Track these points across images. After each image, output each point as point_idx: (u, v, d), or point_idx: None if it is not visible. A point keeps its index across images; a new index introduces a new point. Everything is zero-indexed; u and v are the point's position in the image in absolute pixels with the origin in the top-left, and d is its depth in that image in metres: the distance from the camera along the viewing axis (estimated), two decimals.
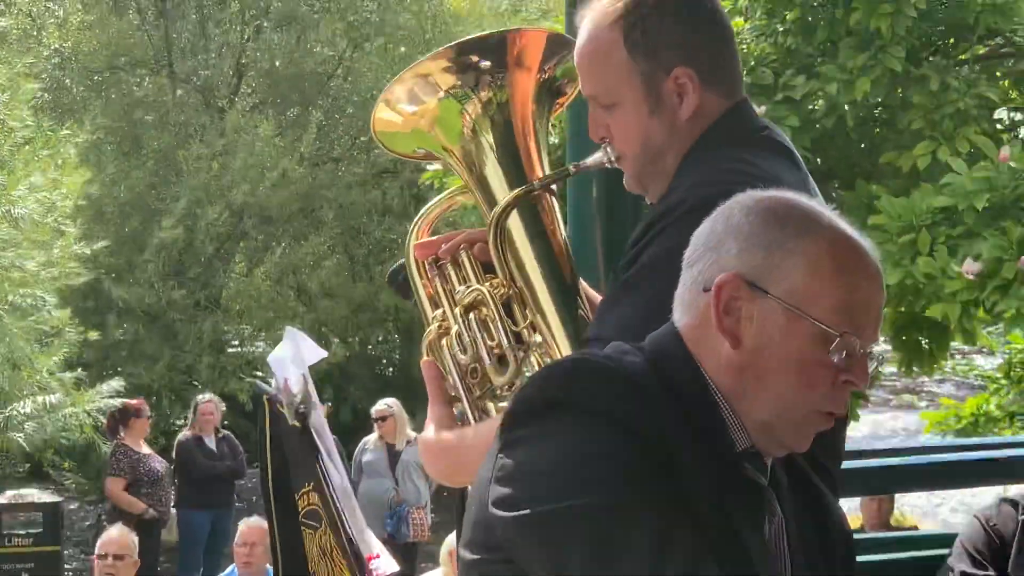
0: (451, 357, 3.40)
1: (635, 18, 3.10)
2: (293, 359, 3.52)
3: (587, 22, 3.18)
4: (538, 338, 3.32)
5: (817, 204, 2.54)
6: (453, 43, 3.47)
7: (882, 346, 2.56)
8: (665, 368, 2.46)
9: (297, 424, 3.39)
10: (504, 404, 3.33)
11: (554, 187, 3.41)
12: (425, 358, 3.46)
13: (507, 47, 3.44)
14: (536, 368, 3.30)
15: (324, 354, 3.67)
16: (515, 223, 3.36)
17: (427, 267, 3.53)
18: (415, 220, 3.64)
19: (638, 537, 2.27)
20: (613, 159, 3.19)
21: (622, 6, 3.13)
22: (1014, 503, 5.20)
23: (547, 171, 3.44)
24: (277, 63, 27.15)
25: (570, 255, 3.43)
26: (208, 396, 17.24)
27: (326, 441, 3.66)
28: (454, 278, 3.45)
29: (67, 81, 27.01)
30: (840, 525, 2.72)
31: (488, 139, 3.43)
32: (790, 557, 2.55)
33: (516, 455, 2.41)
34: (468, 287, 3.40)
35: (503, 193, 3.38)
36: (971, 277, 10.71)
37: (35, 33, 27.09)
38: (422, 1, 27.20)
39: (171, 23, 27.64)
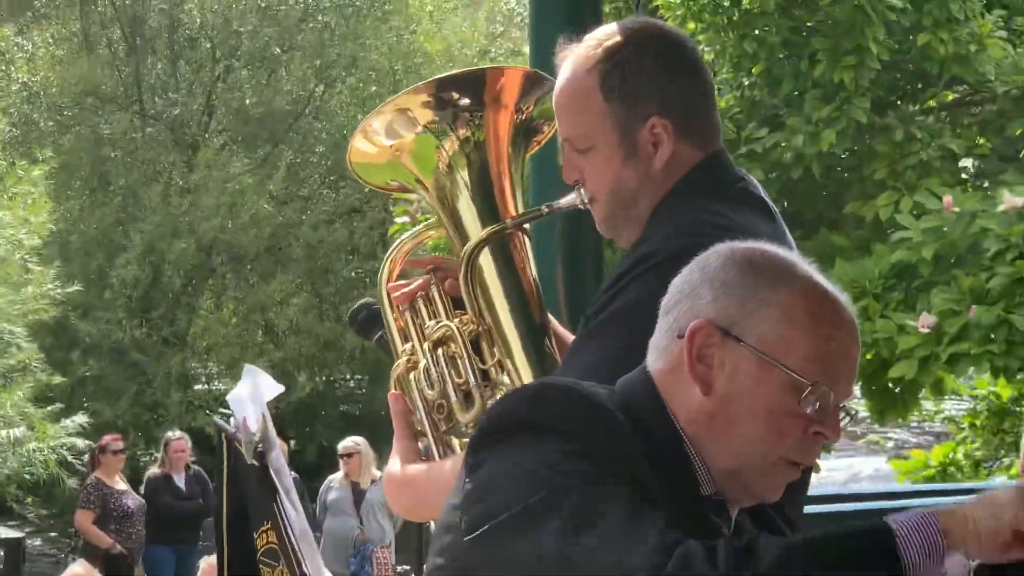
0: (418, 392, 3.40)
1: (612, 64, 3.11)
2: (252, 397, 3.54)
3: (567, 65, 3.19)
4: (505, 378, 3.32)
5: (794, 256, 2.55)
6: (433, 78, 3.49)
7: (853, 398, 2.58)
8: (634, 410, 2.45)
9: (255, 463, 3.41)
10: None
11: (527, 226, 3.44)
12: (393, 391, 3.48)
13: (486, 84, 3.45)
14: None
15: (281, 389, 3.69)
16: (486, 260, 3.37)
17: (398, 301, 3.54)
18: (387, 254, 3.64)
19: (613, 509, 2.26)
20: (586, 201, 3.19)
21: (601, 52, 3.13)
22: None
23: (520, 209, 3.46)
24: (248, 101, 27.15)
25: (540, 295, 3.44)
26: (179, 433, 17.18)
27: (284, 480, 3.68)
28: (424, 312, 3.46)
29: (35, 116, 26.95)
30: None
31: (463, 176, 3.44)
32: None
33: (479, 477, 2.40)
34: (437, 322, 3.41)
35: (476, 230, 3.39)
36: (926, 330, 10.75)
37: (3, 67, 27.03)
38: (392, 41, 27.24)
39: (141, 60, 27.63)
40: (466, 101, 3.42)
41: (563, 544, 2.25)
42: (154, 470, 16.63)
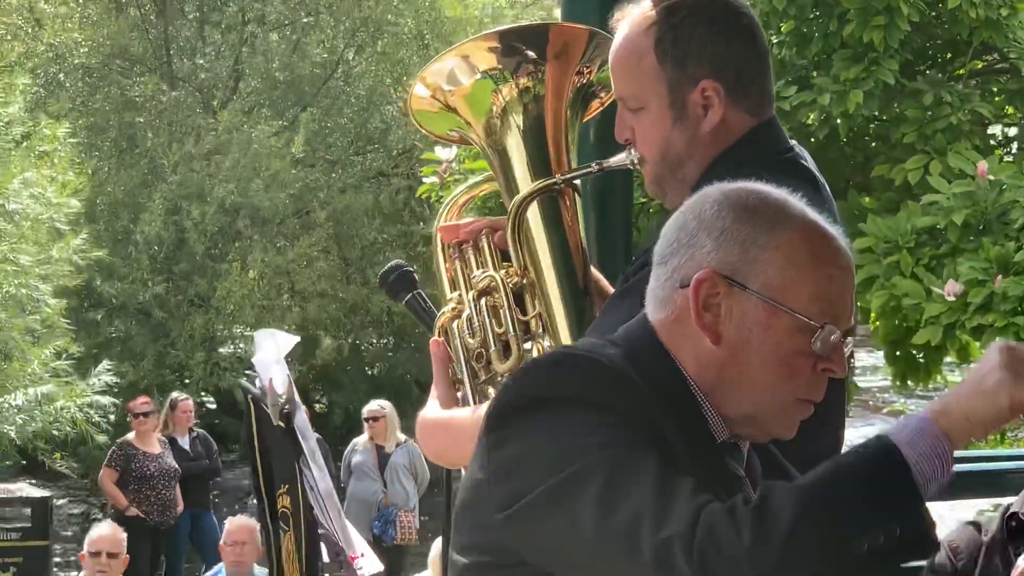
0: (460, 340, 3.45)
1: (667, 26, 3.13)
2: (277, 360, 3.54)
3: (623, 25, 3.22)
4: (543, 332, 3.36)
5: (786, 193, 2.56)
6: (497, 29, 3.54)
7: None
8: (641, 362, 2.48)
9: (281, 424, 3.41)
10: None
11: (577, 184, 3.47)
12: (435, 338, 3.51)
13: (549, 40, 3.49)
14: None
15: (296, 339, 3.69)
16: (534, 215, 3.41)
17: (450, 249, 3.58)
18: (444, 203, 3.70)
19: (645, 473, 2.30)
20: (636, 161, 3.23)
21: (656, 13, 3.16)
22: (977, 525, 5.18)
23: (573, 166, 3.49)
24: (275, 64, 27.14)
25: (585, 253, 3.48)
26: (185, 395, 17.25)
27: (309, 442, 3.68)
28: (473, 262, 3.50)
29: (62, 77, 26.98)
30: None
31: (516, 121, 3.48)
32: None
33: (506, 452, 2.42)
34: (483, 272, 3.45)
35: (526, 183, 3.44)
36: (951, 298, 10.72)
37: (30, 29, 27.06)
38: (420, 5, 27.18)
39: (171, 22, 27.63)
40: (529, 53, 3.46)
41: (598, 519, 2.29)
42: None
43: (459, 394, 3.45)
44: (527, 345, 3.36)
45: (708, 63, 3.11)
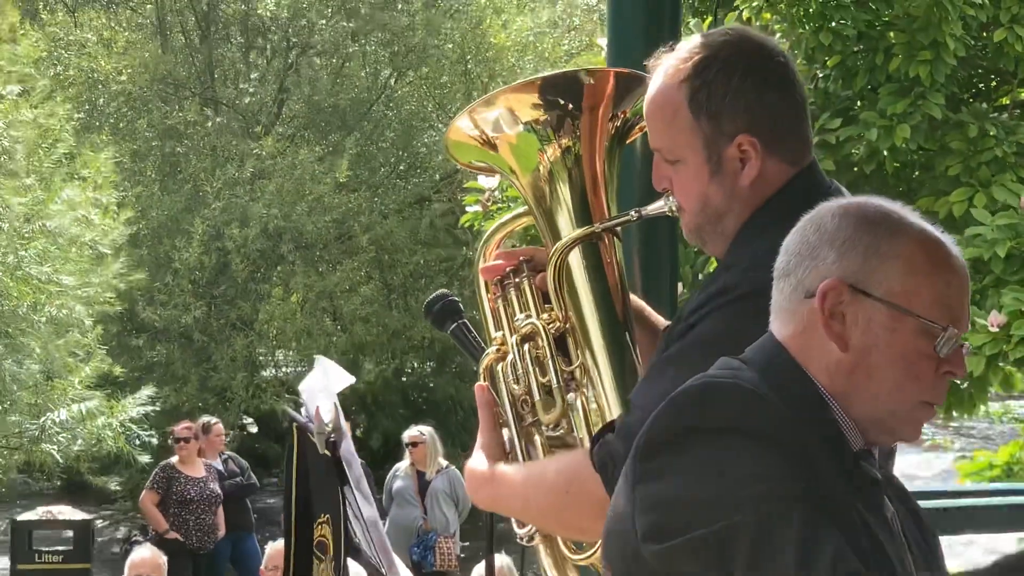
0: (505, 384, 3.48)
1: (701, 81, 3.11)
2: (323, 388, 3.56)
3: (658, 75, 3.20)
4: (586, 379, 3.38)
5: (899, 205, 2.65)
6: (536, 77, 3.55)
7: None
8: (775, 378, 2.56)
9: (327, 453, 3.42)
10: (553, 437, 3.43)
11: (617, 229, 3.47)
12: (480, 382, 3.53)
13: (584, 88, 3.48)
14: (580, 410, 3.38)
15: (352, 380, 3.71)
16: (576, 260, 3.42)
17: (493, 284, 3.61)
18: (483, 238, 3.73)
19: (789, 541, 2.37)
20: (674, 209, 3.22)
21: (690, 67, 3.13)
22: None
23: (612, 212, 3.49)
24: (318, 89, 27.24)
25: (627, 299, 3.47)
26: (216, 418, 17.30)
27: (355, 470, 3.69)
28: (515, 303, 3.52)
29: (102, 102, 27.13)
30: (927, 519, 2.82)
31: (562, 183, 3.49)
32: (908, 548, 2.65)
33: (660, 485, 2.48)
34: (526, 316, 3.47)
35: (567, 226, 3.45)
36: (995, 329, 10.71)
37: (76, 52, 27.22)
38: (465, 31, 27.26)
39: (215, 48, 27.79)
40: (568, 105, 3.46)
41: (748, 571, 2.39)
42: None
43: (505, 435, 3.48)
44: (571, 396, 3.38)
45: (743, 117, 3.09)
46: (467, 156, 3.66)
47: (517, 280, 3.53)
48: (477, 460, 3.45)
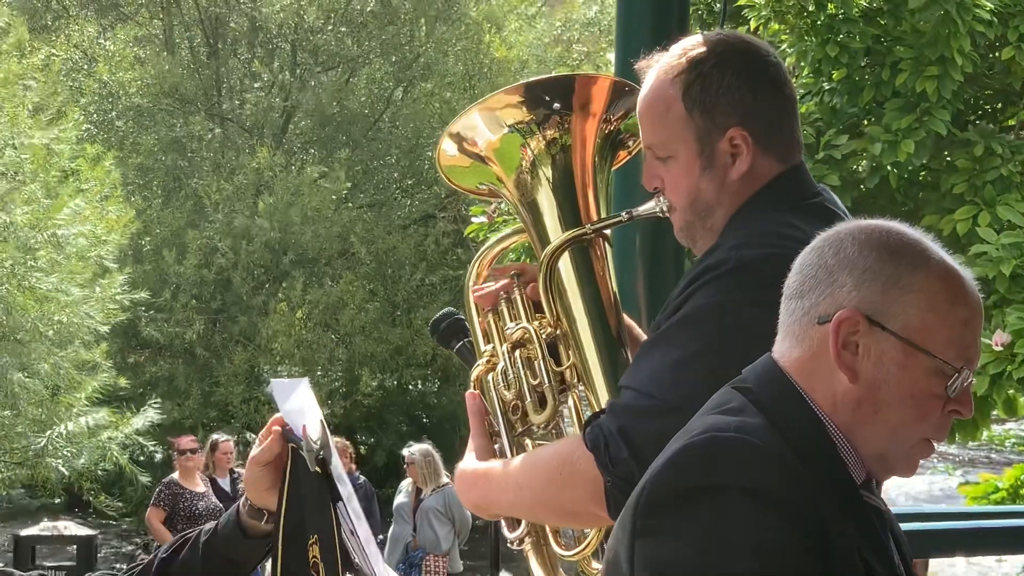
0: (496, 392, 3.46)
1: (695, 75, 3.15)
2: (307, 407, 3.54)
3: (651, 74, 3.23)
4: (578, 380, 3.35)
5: (920, 234, 2.57)
6: (522, 82, 3.53)
7: None
8: (780, 416, 2.49)
9: (318, 470, 3.39)
10: (540, 442, 3.39)
11: (608, 233, 3.46)
12: (471, 391, 3.52)
13: (575, 91, 3.49)
14: (572, 410, 3.36)
15: (305, 380, 3.71)
16: (566, 266, 3.40)
17: (484, 310, 3.59)
18: (474, 259, 3.72)
19: None
20: (665, 209, 3.23)
21: (685, 62, 3.17)
22: None
23: (603, 215, 3.48)
24: (324, 103, 27.28)
25: (618, 303, 3.45)
26: (225, 436, 17.26)
27: (346, 487, 3.66)
28: (506, 315, 3.51)
29: (113, 115, 27.20)
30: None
31: (546, 173, 3.48)
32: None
33: (660, 545, 2.41)
34: (516, 324, 3.46)
35: (556, 233, 3.42)
36: (999, 348, 10.67)
37: (85, 67, 27.29)
38: (469, 47, 27.32)
39: (223, 63, 27.85)
40: (555, 105, 3.47)
41: None
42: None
43: (496, 446, 3.46)
44: (562, 396, 3.36)
45: (736, 112, 3.13)
46: (465, 179, 3.66)
47: (507, 295, 3.52)
48: (467, 461, 3.44)
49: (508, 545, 3.46)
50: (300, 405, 3.47)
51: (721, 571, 2.32)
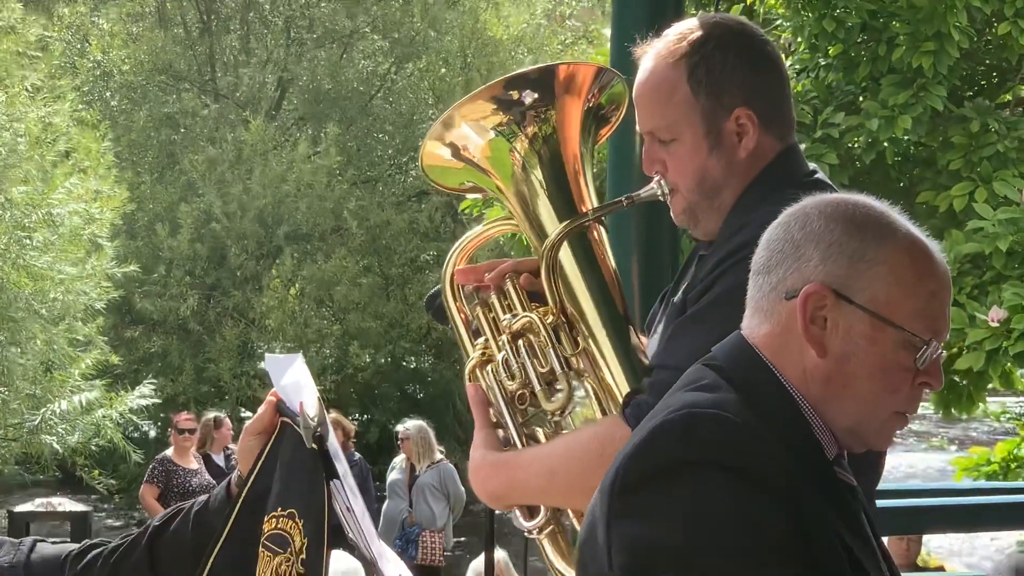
0: (497, 384, 3.45)
1: (699, 57, 3.19)
2: (303, 383, 3.52)
3: (648, 58, 3.25)
4: (588, 365, 3.36)
5: (887, 207, 2.58)
6: (496, 81, 3.52)
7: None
8: (748, 385, 2.50)
9: (314, 447, 3.37)
10: (559, 425, 3.39)
11: (603, 218, 3.46)
12: (470, 383, 3.51)
13: (552, 81, 3.48)
14: (588, 394, 3.36)
15: (298, 356, 3.68)
16: (566, 254, 3.40)
17: (461, 293, 3.59)
18: (453, 248, 3.68)
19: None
20: (666, 192, 3.24)
21: (687, 44, 3.20)
22: None
23: (594, 201, 3.48)
24: (318, 79, 27.23)
25: (620, 284, 3.46)
26: (224, 414, 17.25)
27: (342, 464, 3.65)
28: (499, 307, 3.50)
29: (108, 93, 27.15)
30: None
31: (537, 175, 3.47)
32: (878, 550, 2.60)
33: (637, 525, 2.40)
34: (515, 315, 3.44)
35: (553, 225, 3.42)
36: (995, 324, 10.67)
37: (78, 45, 27.22)
38: (465, 24, 27.26)
39: (216, 39, 27.79)
40: (532, 98, 3.47)
41: None
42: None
43: (501, 435, 3.46)
44: (575, 381, 3.37)
45: (740, 91, 3.18)
46: (449, 179, 3.66)
47: (500, 284, 3.51)
48: (481, 453, 3.42)
49: (526, 535, 3.43)
50: (295, 380, 3.46)
51: (704, 547, 2.32)
